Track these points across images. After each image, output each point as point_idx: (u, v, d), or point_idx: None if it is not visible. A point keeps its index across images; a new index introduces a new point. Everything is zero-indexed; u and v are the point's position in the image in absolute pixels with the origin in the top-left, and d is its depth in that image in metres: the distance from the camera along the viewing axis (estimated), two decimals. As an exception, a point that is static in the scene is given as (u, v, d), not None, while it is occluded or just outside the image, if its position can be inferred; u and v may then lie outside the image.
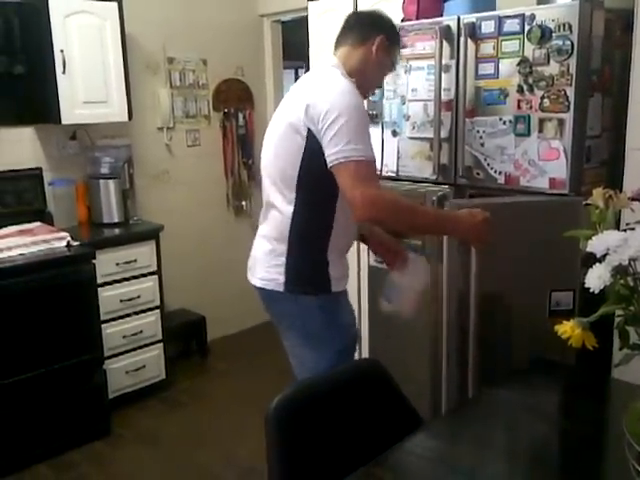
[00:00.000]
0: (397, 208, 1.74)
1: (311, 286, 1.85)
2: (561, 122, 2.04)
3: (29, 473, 2.68)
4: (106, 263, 3.01)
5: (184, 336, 3.83)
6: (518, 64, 2.11)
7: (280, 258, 1.85)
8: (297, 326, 1.90)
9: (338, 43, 1.97)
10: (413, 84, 2.43)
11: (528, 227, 2.14)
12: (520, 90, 2.12)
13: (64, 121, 3.05)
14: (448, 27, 2.28)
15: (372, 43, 1.89)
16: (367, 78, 1.92)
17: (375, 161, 1.74)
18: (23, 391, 2.68)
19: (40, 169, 3.24)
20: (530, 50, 2.07)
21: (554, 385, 1.75)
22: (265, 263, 1.89)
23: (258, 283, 1.92)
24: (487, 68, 2.20)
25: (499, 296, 2.27)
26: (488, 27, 2.17)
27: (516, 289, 2.20)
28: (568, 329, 1.10)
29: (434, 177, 2.38)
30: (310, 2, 3.30)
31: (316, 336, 1.87)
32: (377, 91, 2.54)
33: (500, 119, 2.18)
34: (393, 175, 2.54)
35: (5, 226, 3.00)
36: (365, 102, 2.63)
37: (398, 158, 2.51)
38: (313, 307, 1.85)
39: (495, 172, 2.22)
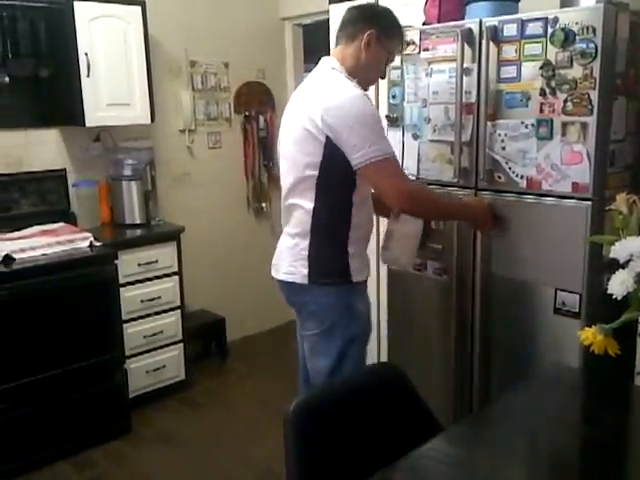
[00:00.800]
0: (427, 200, 2.03)
1: (333, 277, 1.96)
2: (584, 126, 2.02)
3: (51, 470, 2.72)
4: (128, 263, 3.05)
5: (204, 337, 3.86)
6: (541, 67, 2.09)
7: (303, 252, 1.96)
8: (315, 314, 1.99)
9: (336, 41, 2.05)
10: (434, 87, 2.42)
11: (538, 226, 2.17)
12: (543, 93, 2.10)
13: (88, 123, 3.10)
14: (470, 30, 2.26)
15: (361, 39, 1.95)
16: (364, 74, 2.00)
17: (395, 155, 1.91)
18: (45, 389, 2.72)
19: (64, 170, 3.30)
20: (553, 53, 2.05)
21: (574, 391, 1.74)
22: (289, 258, 2.00)
23: (283, 277, 2.02)
24: (509, 71, 2.18)
25: (504, 290, 2.30)
26: (510, 30, 2.16)
27: (522, 285, 2.23)
28: (590, 335, 1.09)
29: (455, 180, 2.37)
30: (331, 5, 3.31)
31: (331, 323, 1.97)
32: (397, 94, 2.55)
33: (522, 122, 2.16)
34: (413, 178, 2.53)
35: (30, 226, 3.05)
36: (385, 105, 2.64)
37: (419, 161, 2.51)
38: (333, 296, 1.96)
39: (517, 176, 2.20)
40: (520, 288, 2.25)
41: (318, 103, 1.86)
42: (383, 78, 2.15)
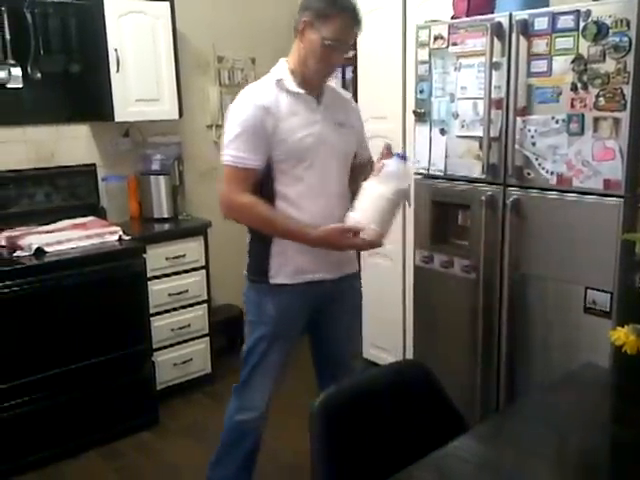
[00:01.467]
0: (254, 217, 1.96)
1: (253, 274, 2.05)
2: (617, 121, 1.98)
3: (81, 460, 2.77)
4: (156, 257, 3.08)
5: (230, 331, 3.88)
6: (572, 61, 2.05)
7: (247, 247, 2.09)
8: (245, 304, 2.11)
9: None
10: (462, 82, 2.39)
11: (567, 223, 2.15)
12: (574, 88, 2.06)
13: (117, 118, 3.14)
14: (499, 24, 2.23)
15: (298, 29, 1.94)
16: (305, 66, 1.94)
17: (242, 162, 1.92)
18: (76, 380, 2.78)
19: (94, 165, 3.34)
20: (585, 47, 2.02)
21: (604, 391, 1.71)
22: None
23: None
24: (540, 66, 2.15)
25: (533, 288, 2.27)
26: (541, 24, 2.12)
27: (551, 283, 2.21)
28: (622, 335, 1.07)
29: (483, 176, 2.35)
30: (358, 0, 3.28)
31: (249, 317, 2.09)
32: (425, 89, 2.53)
33: (552, 118, 2.13)
34: (440, 174, 2.51)
35: (60, 220, 3.10)
36: (412, 100, 2.62)
37: (446, 157, 2.49)
38: (251, 292, 2.06)
39: (547, 172, 2.17)
40: (549, 286, 2.22)
41: None
42: (335, 65, 1.97)
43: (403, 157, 1.94)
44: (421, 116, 2.56)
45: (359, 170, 2.12)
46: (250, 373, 2.11)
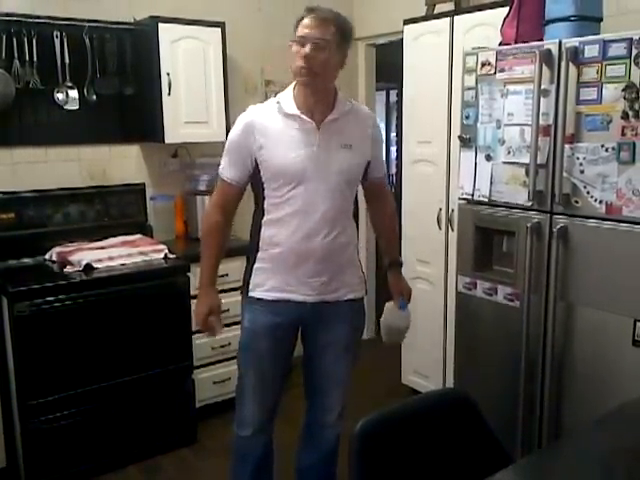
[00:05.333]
0: (203, 234, 2.22)
1: (242, 286, 2.16)
2: (669, 150, 1.94)
3: (120, 474, 2.81)
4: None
5: (269, 351, 3.90)
6: (623, 89, 2.02)
7: None
8: None
9: None
10: (509, 108, 2.38)
11: (616, 253, 2.10)
12: (625, 116, 2.03)
13: (167, 140, 3.23)
14: (549, 51, 2.22)
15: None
16: (292, 74, 2.00)
17: (227, 181, 2.06)
18: (118, 395, 2.83)
19: (143, 184, 3.44)
20: (637, 75, 1.98)
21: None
22: None
23: None
24: (589, 93, 2.12)
25: (579, 319, 2.23)
26: (592, 51, 2.10)
27: (598, 314, 2.16)
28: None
29: (529, 204, 2.32)
30: (406, 26, 3.32)
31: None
32: (471, 115, 2.52)
33: (602, 146, 2.09)
34: (485, 200, 2.49)
35: (110, 237, 3.19)
36: (458, 126, 2.61)
37: (491, 183, 2.46)
38: (241, 302, 2.20)
39: (595, 201, 2.13)
40: (596, 317, 2.17)
41: None
42: (304, 61, 1.93)
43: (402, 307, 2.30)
44: (467, 142, 2.55)
45: (371, 194, 2.25)
46: (238, 386, 2.23)
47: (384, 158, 2.35)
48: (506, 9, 2.54)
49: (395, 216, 2.36)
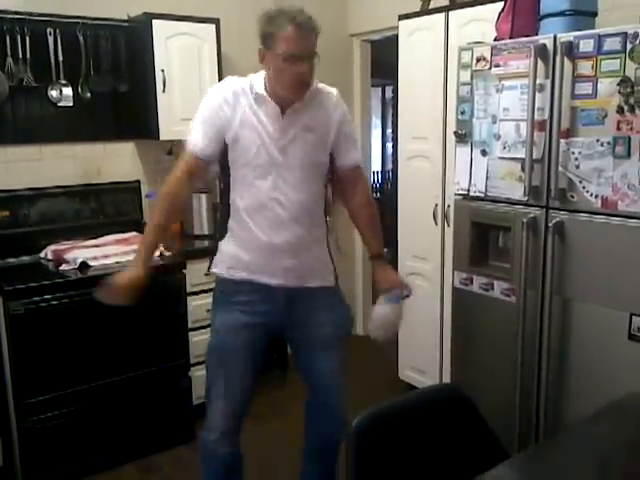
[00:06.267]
0: (160, 194, 2.12)
1: (211, 264, 2.15)
2: (665, 144, 1.94)
3: (117, 472, 2.81)
4: (195, 273, 3.12)
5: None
6: (618, 84, 2.02)
7: None
8: None
9: None
10: (505, 103, 2.38)
11: (612, 248, 2.10)
12: (620, 111, 2.03)
13: (162, 137, 3.22)
14: (544, 46, 2.22)
15: (260, 61, 2.00)
16: (281, 87, 1.95)
17: (194, 148, 2.02)
18: (113, 394, 2.82)
19: (139, 182, 3.43)
20: (632, 69, 1.98)
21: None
22: None
23: None
24: (584, 88, 2.12)
25: (575, 313, 2.23)
26: (587, 46, 2.10)
27: (594, 309, 2.16)
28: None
29: (525, 199, 2.32)
30: (401, 22, 3.31)
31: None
32: (466, 110, 2.52)
33: (597, 140, 2.09)
34: (481, 195, 2.49)
35: (105, 234, 3.18)
36: (453, 121, 2.61)
37: (487, 178, 2.46)
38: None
39: (591, 195, 2.13)
40: (592, 312, 2.17)
41: None
42: (304, 76, 1.92)
43: (396, 299, 2.18)
44: (462, 137, 2.55)
45: (344, 183, 2.18)
46: (206, 378, 2.15)
47: (370, 149, 2.31)
48: (501, 4, 2.54)
49: (372, 206, 2.24)
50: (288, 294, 2.07)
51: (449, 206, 3.09)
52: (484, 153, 2.47)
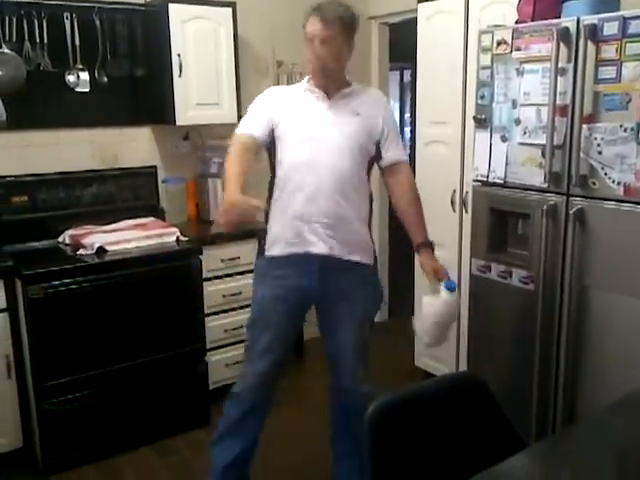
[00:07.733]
0: (228, 159, 2.13)
1: (259, 248, 2.27)
2: (691, 130, 1.89)
3: (134, 455, 2.84)
4: (212, 259, 3.13)
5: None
6: (644, 67, 1.97)
7: None
8: None
9: None
10: (526, 87, 2.33)
11: (634, 235, 2.06)
12: (645, 95, 1.98)
13: (178, 122, 3.21)
14: (566, 29, 2.16)
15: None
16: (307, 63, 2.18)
17: (244, 131, 2.17)
18: (131, 377, 2.85)
19: (155, 167, 3.43)
20: (658, 52, 1.93)
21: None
22: None
23: None
24: (608, 72, 2.07)
25: (595, 302, 2.19)
26: (611, 28, 2.04)
27: (615, 297, 2.13)
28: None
29: (545, 185, 2.28)
30: (420, 4, 3.26)
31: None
32: (486, 95, 2.48)
33: (621, 126, 2.05)
34: (500, 182, 2.45)
35: (122, 219, 3.19)
36: (472, 105, 2.57)
37: (507, 164, 2.43)
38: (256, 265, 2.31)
39: (613, 182, 2.09)
40: (612, 300, 2.14)
41: None
42: (318, 57, 2.11)
43: (451, 288, 2.17)
44: (482, 122, 2.51)
45: (388, 175, 2.26)
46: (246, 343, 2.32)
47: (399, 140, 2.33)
48: (523, -14, 2.48)
49: (415, 195, 2.26)
50: (324, 265, 2.14)
51: (467, 192, 3.05)
52: (504, 138, 2.43)
